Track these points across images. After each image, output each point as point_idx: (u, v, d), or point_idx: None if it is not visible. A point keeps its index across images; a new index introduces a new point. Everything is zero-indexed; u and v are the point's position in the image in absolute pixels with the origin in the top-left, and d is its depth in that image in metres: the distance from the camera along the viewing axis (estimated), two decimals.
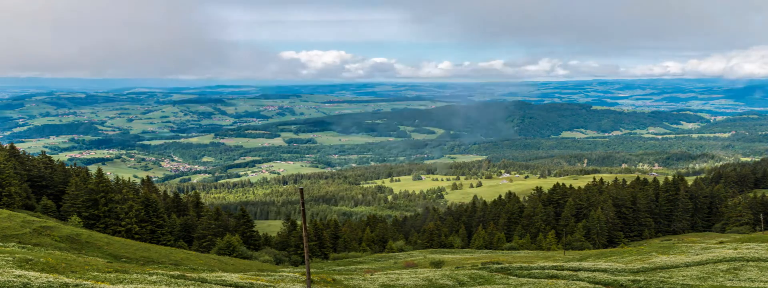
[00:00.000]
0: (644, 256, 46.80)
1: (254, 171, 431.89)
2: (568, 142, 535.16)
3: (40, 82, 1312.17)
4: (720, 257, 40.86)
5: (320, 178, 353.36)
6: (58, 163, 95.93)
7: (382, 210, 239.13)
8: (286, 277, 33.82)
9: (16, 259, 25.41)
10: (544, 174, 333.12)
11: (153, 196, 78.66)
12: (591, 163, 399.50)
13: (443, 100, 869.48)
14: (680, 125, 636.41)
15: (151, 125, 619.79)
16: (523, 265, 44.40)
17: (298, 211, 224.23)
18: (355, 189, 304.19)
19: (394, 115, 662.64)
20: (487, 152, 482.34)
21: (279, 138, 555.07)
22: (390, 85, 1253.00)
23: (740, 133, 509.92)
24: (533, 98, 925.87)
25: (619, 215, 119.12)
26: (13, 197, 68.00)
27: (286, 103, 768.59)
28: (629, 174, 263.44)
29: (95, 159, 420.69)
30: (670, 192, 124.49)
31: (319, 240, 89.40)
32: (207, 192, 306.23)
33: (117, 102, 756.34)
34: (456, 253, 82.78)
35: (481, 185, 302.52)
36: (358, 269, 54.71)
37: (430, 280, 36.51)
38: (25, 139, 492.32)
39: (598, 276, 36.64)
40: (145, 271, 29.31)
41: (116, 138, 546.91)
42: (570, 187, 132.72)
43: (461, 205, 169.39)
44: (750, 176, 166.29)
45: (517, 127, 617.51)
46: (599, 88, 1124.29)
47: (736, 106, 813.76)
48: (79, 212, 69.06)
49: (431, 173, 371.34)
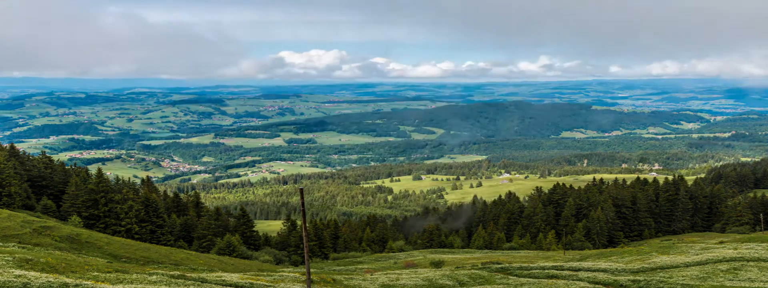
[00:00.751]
0: (644, 256, 46.79)
1: (254, 171, 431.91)
2: (568, 142, 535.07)
3: (40, 82, 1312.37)
4: (720, 257, 40.85)
5: (320, 178, 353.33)
6: (58, 163, 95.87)
7: (382, 210, 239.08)
8: (286, 277, 33.82)
9: (16, 259, 25.41)
10: (544, 174, 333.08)
11: (153, 196, 78.65)
12: (591, 163, 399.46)
13: (443, 100, 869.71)
14: (680, 125, 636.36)
15: (151, 125, 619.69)
16: (523, 265, 44.40)
17: (298, 211, 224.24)
18: (355, 189, 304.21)
19: (394, 115, 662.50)
20: (487, 152, 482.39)
21: (279, 138, 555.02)
22: (390, 85, 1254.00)
23: (740, 133, 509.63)
24: (533, 98, 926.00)
25: (619, 215, 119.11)
26: (13, 197, 67.99)
27: (286, 103, 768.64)
28: (629, 174, 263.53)
29: (95, 159, 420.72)
30: (670, 192, 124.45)
31: (319, 240, 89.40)
32: (207, 192, 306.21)
33: (117, 102, 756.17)
34: (456, 253, 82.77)
35: (481, 185, 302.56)
36: (358, 269, 54.72)
37: (430, 280, 36.51)
38: (25, 139, 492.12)
39: (598, 276, 36.64)
40: (145, 271, 29.31)
41: (116, 138, 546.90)
42: (570, 187, 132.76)
43: (461, 205, 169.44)
44: (750, 176, 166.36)
45: (517, 127, 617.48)
46: (599, 88, 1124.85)
47: (736, 106, 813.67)
48: (79, 212, 69.05)
49: (431, 173, 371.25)
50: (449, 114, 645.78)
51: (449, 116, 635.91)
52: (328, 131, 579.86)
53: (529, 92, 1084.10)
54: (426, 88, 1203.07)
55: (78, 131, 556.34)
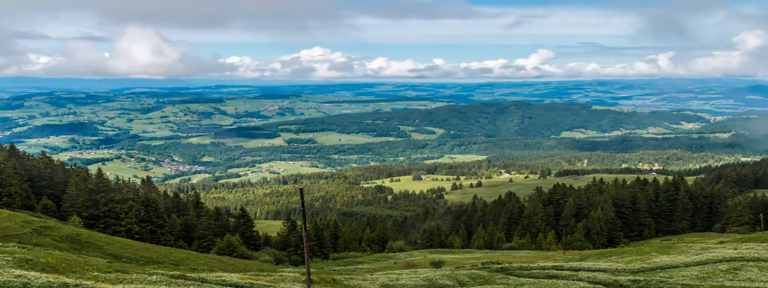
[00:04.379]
0: (644, 256, 46.80)
1: (254, 171, 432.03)
2: (568, 142, 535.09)
3: (40, 82, 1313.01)
4: (720, 257, 40.85)
5: (320, 178, 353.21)
6: (58, 163, 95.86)
7: (382, 210, 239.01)
8: (286, 277, 33.82)
9: (16, 259, 25.40)
10: (544, 174, 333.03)
11: (153, 196, 78.69)
12: (591, 163, 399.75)
13: (443, 100, 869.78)
14: (680, 125, 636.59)
15: (151, 125, 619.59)
16: (523, 265, 44.40)
17: (298, 211, 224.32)
18: (355, 189, 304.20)
19: (394, 115, 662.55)
20: (487, 152, 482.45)
21: (279, 138, 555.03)
22: (390, 85, 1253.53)
23: (740, 133, 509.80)
24: (533, 98, 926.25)
25: (619, 215, 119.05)
26: (13, 197, 67.99)
27: (286, 103, 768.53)
28: (629, 174, 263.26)
29: (95, 159, 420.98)
30: (670, 192, 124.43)
31: (319, 240, 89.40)
32: (207, 192, 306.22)
33: (117, 102, 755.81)
34: (456, 253, 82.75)
35: (481, 185, 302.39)
36: (358, 269, 54.72)
37: (430, 280, 36.51)
38: (25, 139, 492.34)
39: (598, 276, 36.64)
40: (145, 271, 29.31)
41: (116, 138, 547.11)
42: (570, 187, 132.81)
43: (461, 205, 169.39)
44: (750, 176, 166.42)
45: (517, 127, 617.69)
46: (599, 88, 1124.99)
47: (736, 106, 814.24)
48: (79, 212, 69.05)
49: (431, 173, 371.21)
50: (449, 114, 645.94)
51: (449, 116, 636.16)
52: (328, 131, 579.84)
53: (529, 92, 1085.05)
54: (426, 88, 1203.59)
55: (78, 131, 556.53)
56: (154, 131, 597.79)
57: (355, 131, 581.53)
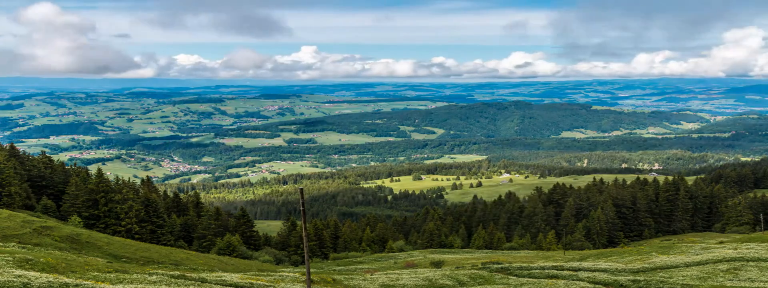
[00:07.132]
0: (644, 256, 46.80)
1: (254, 171, 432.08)
2: (568, 142, 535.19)
3: (40, 82, 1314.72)
4: (720, 257, 40.84)
5: (320, 178, 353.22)
6: (58, 163, 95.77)
7: (382, 210, 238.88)
8: (286, 277, 33.82)
9: (16, 259, 25.41)
10: (544, 174, 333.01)
11: (153, 196, 78.64)
12: (591, 162, 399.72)
13: (443, 100, 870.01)
14: (680, 125, 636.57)
15: (151, 125, 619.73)
16: (523, 265, 44.41)
17: (298, 211, 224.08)
18: (355, 189, 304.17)
19: (394, 115, 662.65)
20: (487, 152, 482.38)
21: (279, 138, 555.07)
22: (390, 85, 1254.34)
23: (740, 133, 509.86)
24: (533, 98, 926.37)
25: (619, 215, 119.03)
26: (13, 197, 67.96)
27: (286, 103, 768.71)
28: (629, 174, 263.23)
29: (95, 159, 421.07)
30: (670, 192, 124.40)
31: (319, 240, 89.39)
32: (207, 192, 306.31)
33: (117, 102, 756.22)
34: (456, 253, 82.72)
35: (481, 185, 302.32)
36: (358, 269, 54.71)
37: (430, 280, 36.51)
38: (25, 139, 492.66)
39: (598, 276, 36.64)
40: (145, 271, 29.31)
41: (116, 138, 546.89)
42: (570, 187, 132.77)
43: (461, 205, 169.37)
44: (750, 176, 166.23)
45: (517, 127, 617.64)
46: (599, 88, 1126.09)
47: (736, 106, 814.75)
48: (79, 212, 69.00)
49: (431, 173, 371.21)
50: (449, 114, 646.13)
51: (449, 116, 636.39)
52: (328, 131, 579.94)
53: (529, 92, 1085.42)
54: (426, 88, 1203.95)
55: (78, 131, 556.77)
56: (154, 131, 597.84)
57: (355, 131, 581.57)
